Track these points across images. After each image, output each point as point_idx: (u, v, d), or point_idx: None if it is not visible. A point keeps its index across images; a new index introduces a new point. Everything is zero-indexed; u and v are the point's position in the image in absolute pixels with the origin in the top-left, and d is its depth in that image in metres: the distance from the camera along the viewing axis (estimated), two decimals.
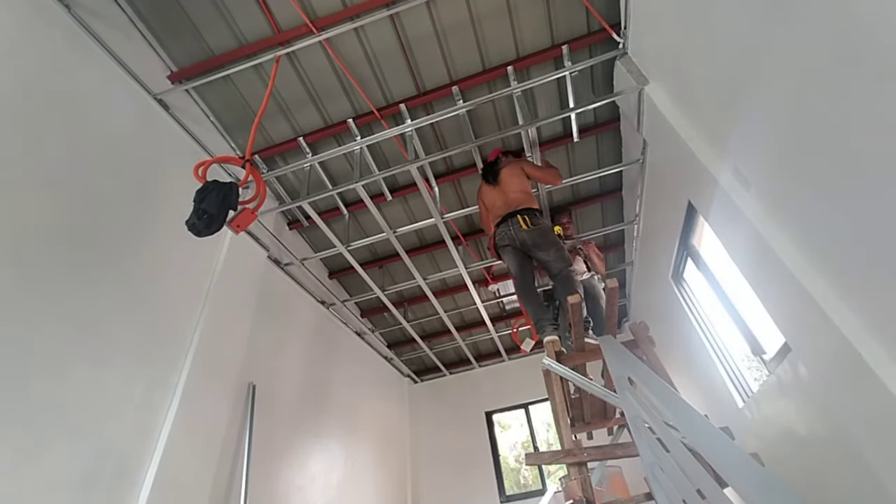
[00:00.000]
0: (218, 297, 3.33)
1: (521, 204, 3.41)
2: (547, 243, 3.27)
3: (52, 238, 2.30)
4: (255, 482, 3.36)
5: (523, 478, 8.29)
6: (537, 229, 3.29)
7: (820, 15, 1.59)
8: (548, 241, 3.28)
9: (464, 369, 7.64)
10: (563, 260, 3.23)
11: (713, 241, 3.18)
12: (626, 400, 2.15)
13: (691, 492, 1.49)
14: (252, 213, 2.45)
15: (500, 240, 3.43)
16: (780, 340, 2.65)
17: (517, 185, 3.51)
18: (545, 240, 3.27)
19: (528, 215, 3.33)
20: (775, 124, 2.05)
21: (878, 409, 1.92)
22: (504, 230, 3.38)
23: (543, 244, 3.26)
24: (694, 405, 1.81)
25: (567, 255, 3.29)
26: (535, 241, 3.27)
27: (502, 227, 3.40)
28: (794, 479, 2.69)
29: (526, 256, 3.38)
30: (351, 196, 4.36)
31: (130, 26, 3.08)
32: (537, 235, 3.27)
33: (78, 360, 2.31)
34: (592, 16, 3.20)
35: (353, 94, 3.66)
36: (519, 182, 3.52)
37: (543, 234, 3.29)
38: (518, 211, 3.36)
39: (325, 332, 5.26)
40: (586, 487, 2.46)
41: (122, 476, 2.41)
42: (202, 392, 2.98)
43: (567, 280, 3.16)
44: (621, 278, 5.78)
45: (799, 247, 2.16)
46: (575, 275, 3.30)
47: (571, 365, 3.12)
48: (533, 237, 3.27)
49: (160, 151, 3.17)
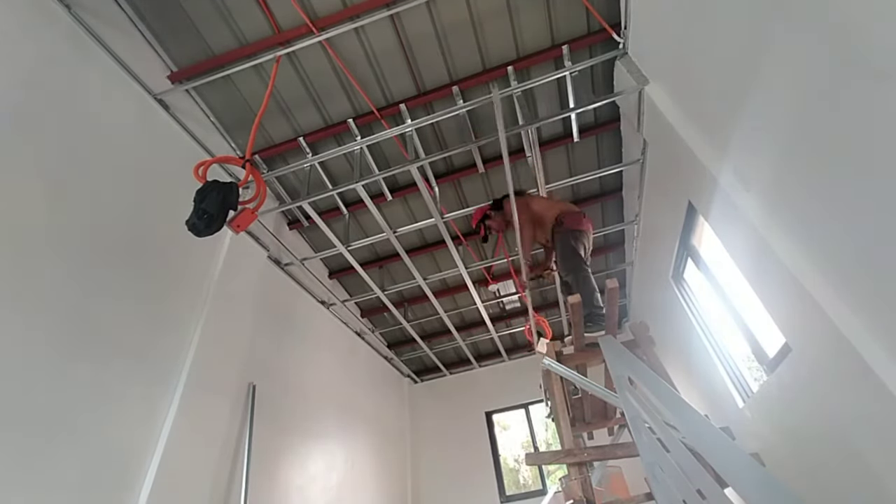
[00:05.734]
0: (218, 297, 3.33)
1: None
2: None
3: (52, 238, 2.30)
4: (255, 482, 3.35)
5: (523, 478, 8.29)
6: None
7: (820, 15, 1.59)
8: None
9: (464, 369, 7.64)
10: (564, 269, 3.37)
11: (713, 241, 3.18)
12: (626, 400, 2.15)
13: (691, 492, 1.49)
14: (252, 213, 2.44)
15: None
16: (781, 340, 2.65)
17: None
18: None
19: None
20: (775, 124, 2.05)
21: (878, 409, 1.92)
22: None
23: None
24: (694, 405, 1.81)
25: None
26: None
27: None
28: (794, 479, 2.69)
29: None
30: (351, 196, 4.36)
31: (130, 26, 3.08)
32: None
33: (78, 359, 2.31)
34: (592, 16, 3.20)
35: (354, 94, 3.66)
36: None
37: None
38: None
39: (325, 332, 5.27)
40: (586, 487, 2.46)
41: (122, 476, 2.41)
42: (202, 392, 2.98)
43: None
44: (621, 278, 5.78)
45: (799, 247, 2.16)
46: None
47: (572, 365, 3.13)
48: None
49: (160, 151, 3.17)
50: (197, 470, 2.85)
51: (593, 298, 3.04)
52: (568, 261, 3.26)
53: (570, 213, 3.41)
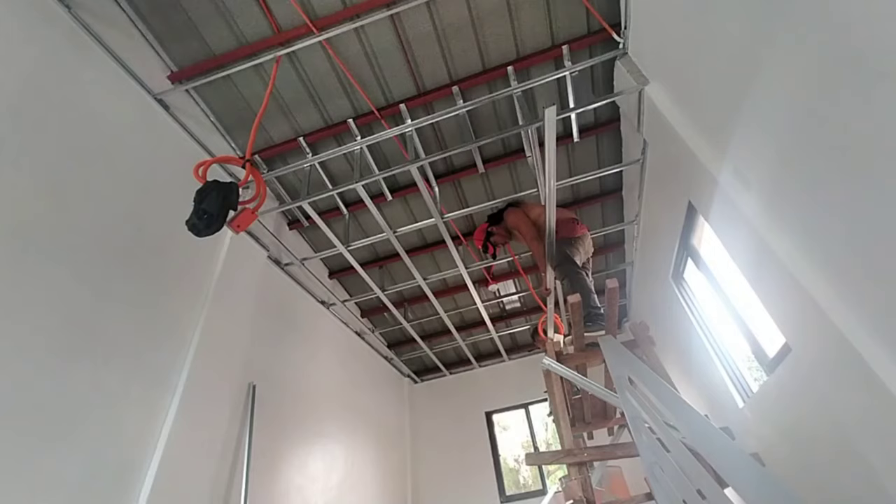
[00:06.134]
0: (218, 297, 3.33)
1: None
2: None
3: (52, 238, 2.30)
4: (255, 482, 3.35)
5: (523, 478, 8.28)
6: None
7: (820, 15, 1.59)
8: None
9: (464, 369, 7.64)
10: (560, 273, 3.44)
11: (713, 241, 3.18)
12: (626, 400, 2.15)
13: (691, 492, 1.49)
14: (252, 213, 2.44)
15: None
16: (781, 340, 2.65)
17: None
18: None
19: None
20: (775, 124, 2.05)
21: (878, 409, 1.92)
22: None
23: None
24: (694, 405, 1.81)
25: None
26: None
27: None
28: (794, 479, 2.69)
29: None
30: (351, 196, 4.36)
31: (131, 26, 3.08)
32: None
33: (78, 360, 2.31)
34: (592, 16, 3.20)
35: (354, 94, 3.66)
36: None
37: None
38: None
39: (324, 332, 5.26)
40: (586, 487, 2.46)
41: (122, 476, 2.41)
42: (202, 392, 2.98)
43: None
44: (621, 278, 5.78)
45: (799, 247, 2.16)
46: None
47: (572, 365, 3.13)
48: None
49: (160, 151, 3.17)
50: (197, 470, 2.84)
51: (589, 299, 3.10)
52: (560, 267, 3.38)
53: (563, 223, 3.50)
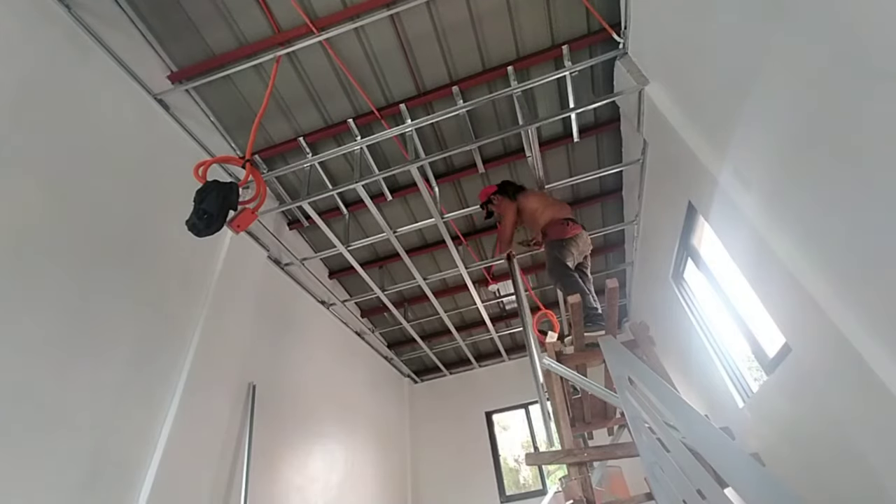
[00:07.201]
0: (218, 297, 3.33)
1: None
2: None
3: (52, 238, 2.30)
4: (255, 482, 3.35)
5: (523, 478, 8.28)
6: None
7: (819, 15, 1.59)
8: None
9: (464, 369, 7.64)
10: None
11: (713, 241, 3.18)
12: (626, 400, 2.15)
13: (691, 492, 1.49)
14: (252, 213, 2.45)
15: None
16: (781, 340, 2.65)
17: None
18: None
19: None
20: (775, 124, 2.05)
21: (878, 409, 1.92)
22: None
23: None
24: (694, 405, 1.81)
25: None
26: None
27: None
28: (794, 479, 2.69)
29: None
30: (351, 196, 4.36)
31: (130, 26, 3.08)
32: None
33: (78, 359, 2.31)
34: (592, 16, 3.20)
35: (354, 94, 3.66)
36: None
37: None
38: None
39: (324, 332, 5.26)
40: (586, 487, 2.46)
41: (122, 476, 2.41)
42: (202, 392, 2.98)
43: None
44: (621, 278, 5.78)
45: (799, 247, 2.16)
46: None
47: (572, 365, 3.13)
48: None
49: (160, 151, 3.17)
50: (197, 470, 2.84)
51: (585, 300, 3.09)
52: (551, 271, 3.38)
53: (553, 224, 3.47)
